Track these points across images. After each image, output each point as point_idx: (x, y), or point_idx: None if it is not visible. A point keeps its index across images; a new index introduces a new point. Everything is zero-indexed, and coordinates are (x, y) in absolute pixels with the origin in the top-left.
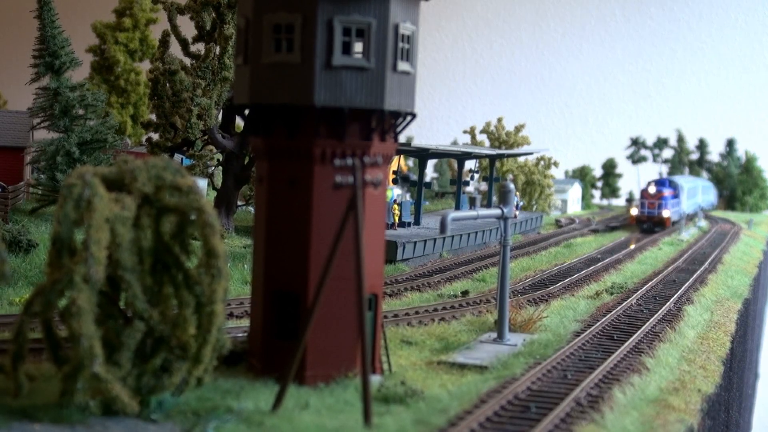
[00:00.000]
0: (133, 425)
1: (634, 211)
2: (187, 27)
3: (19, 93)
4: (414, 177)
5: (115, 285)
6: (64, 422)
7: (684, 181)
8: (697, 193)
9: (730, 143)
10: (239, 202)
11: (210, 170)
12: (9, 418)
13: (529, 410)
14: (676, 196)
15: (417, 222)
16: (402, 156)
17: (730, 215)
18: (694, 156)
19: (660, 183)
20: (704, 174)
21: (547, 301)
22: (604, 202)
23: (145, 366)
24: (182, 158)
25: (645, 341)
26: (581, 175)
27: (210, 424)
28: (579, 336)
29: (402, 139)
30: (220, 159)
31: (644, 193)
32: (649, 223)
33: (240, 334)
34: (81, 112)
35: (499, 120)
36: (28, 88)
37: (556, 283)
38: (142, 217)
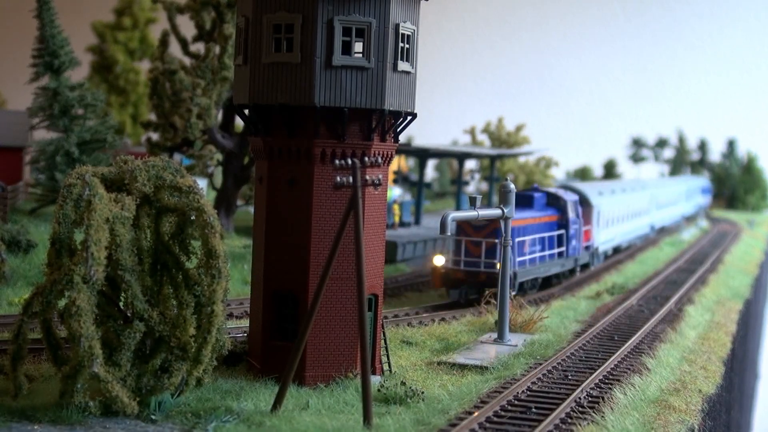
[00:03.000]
0: (132, 425)
1: (439, 261)
2: (187, 26)
3: (19, 92)
4: (414, 177)
5: (114, 285)
6: (64, 423)
7: (592, 189)
8: (648, 205)
9: (731, 143)
10: (239, 202)
11: (210, 170)
12: (9, 419)
13: (529, 411)
14: (560, 224)
15: (417, 222)
16: (402, 156)
17: (731, 215)
18: (696, 156)
19: (522, 198)
20: (705, 173)
21: (547, 301)
22: None
23: (145, 366)
24: (182, 158)
25: (646, 342)
26: (582, 174)
27: (210, 424)
28: (580, 336)
29: (402, 139)
30: (220, 159)
31: (462, 224)
32: (466, 287)
33: (240, 335)
34: (80, 111)
35: (500, 120)
36: (27, 87)
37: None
38: (141, 217)
